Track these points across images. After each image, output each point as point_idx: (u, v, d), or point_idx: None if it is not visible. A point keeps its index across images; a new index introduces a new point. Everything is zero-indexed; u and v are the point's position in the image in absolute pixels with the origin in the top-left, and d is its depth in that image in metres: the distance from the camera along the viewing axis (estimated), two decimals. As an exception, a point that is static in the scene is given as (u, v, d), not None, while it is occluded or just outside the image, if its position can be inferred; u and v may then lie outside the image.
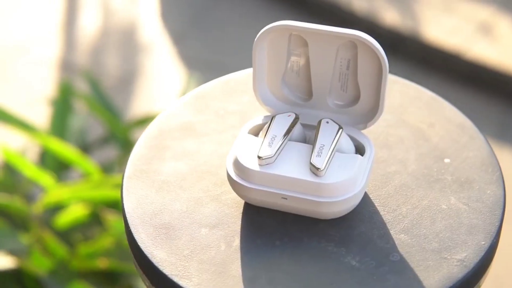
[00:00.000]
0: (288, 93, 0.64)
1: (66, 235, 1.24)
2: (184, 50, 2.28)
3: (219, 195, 0.61)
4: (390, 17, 2.31)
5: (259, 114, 0.66)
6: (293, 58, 0.63)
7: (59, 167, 1.35)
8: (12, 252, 1.18)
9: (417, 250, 0.56)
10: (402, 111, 0.68)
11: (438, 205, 0.60)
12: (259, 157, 0.58)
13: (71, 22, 2.40)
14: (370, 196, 0.61)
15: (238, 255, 0.57)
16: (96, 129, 1.76)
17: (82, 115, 1.52)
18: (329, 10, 2.38)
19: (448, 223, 0.58)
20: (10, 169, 1.36)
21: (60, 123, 1.39)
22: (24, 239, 1.17)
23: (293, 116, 0.61)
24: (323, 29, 0.59)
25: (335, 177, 0.57)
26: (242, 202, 0.60)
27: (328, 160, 0.57)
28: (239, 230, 0.58)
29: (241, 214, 0.60)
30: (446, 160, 0.64)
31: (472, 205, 0.60)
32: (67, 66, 2.20)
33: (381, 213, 0.59)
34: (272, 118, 0.61)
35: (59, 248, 1.19)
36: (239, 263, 0.56)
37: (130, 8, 2.48)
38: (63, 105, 1.40)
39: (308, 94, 0.64)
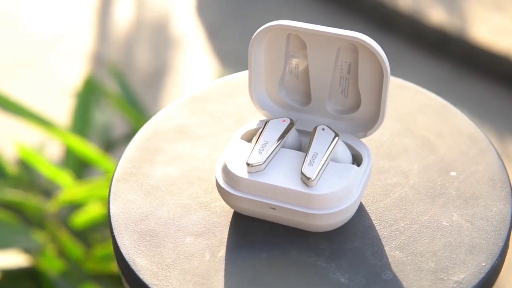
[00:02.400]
0: (286, 96, 0.61)
1: (83, 235, 1.22)
2: (219, 44, 2.25)
3: (208, 203, 0.58)
4: (436, 15, 2.24)
5: (257, 117, 0.63)
6: (292, 60, 0.59)
7: (81, 165, 1.33)
8: (25, 250, 1.16)
9: (411, 269, 0.53)
10: (409, 119, 0.65)
11: (439, 222, 0.56)
12: (248, 164, 0.55)
13: (105, 15, 2.39)
14: (367, 209, 0.57)
15: (222, 266, 0.54)
16: (122, 125, 1.74)
17: (107, 111, 1.51)
18: (373, 7, 2.33)
19: (448, 241, 0.54)
20: (28, 166, 1.35)
21: (82, 118, 1.37)
22: (39, 237, 1.16)
23: (288, 121, 0.58)
24: (321, 30, 0.56)
25: (326, 188, 0.53)
26: (231, 210, 0.58)
27: (321, 169, 0.54)
28: (226, 240, 0.56)
29: (229, 223, 0.57)
30: (452, 173, 0.59)
31: (476, 222, 0.56)
32: (99, 59, 2.19)
33: (377, 227, 0.56)
34: (266, 123, 0.58)
35: (74, 248, 1.17)
36: (223, 275, 0.53)
37: (165, 0, 2.46)
38: (86, 100, 1.38)
39: (307, 98, 0.60)
